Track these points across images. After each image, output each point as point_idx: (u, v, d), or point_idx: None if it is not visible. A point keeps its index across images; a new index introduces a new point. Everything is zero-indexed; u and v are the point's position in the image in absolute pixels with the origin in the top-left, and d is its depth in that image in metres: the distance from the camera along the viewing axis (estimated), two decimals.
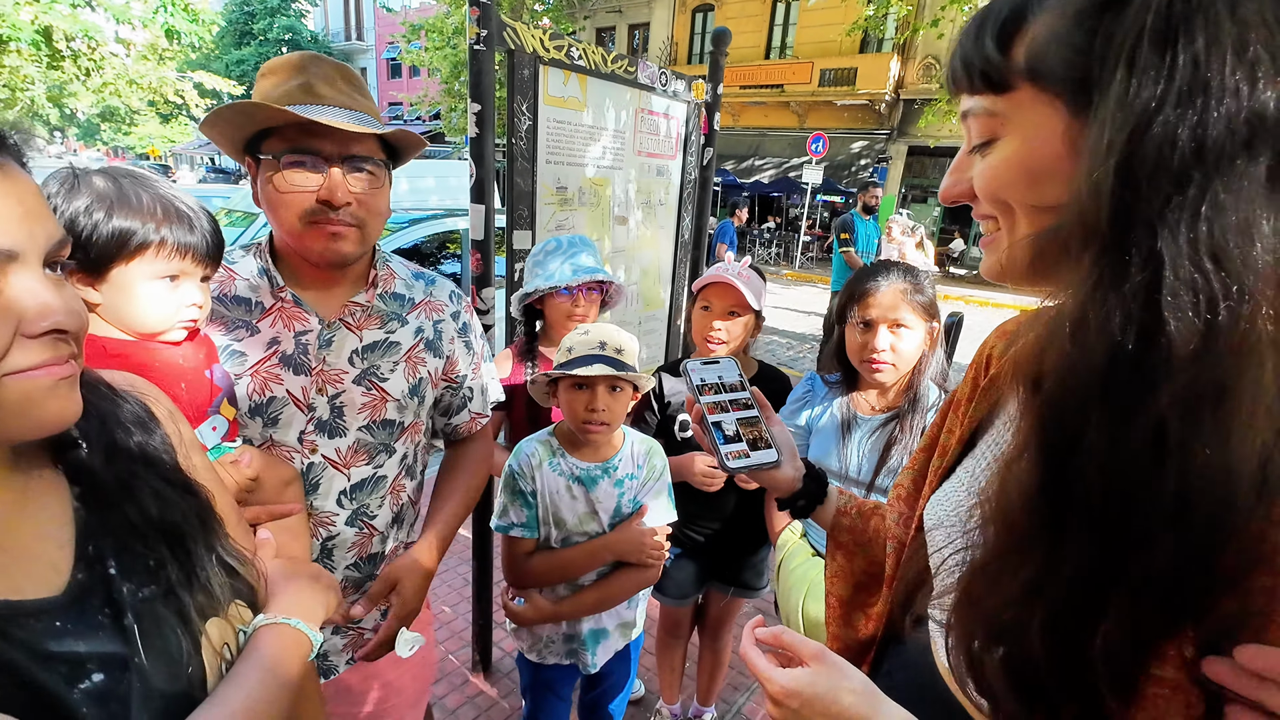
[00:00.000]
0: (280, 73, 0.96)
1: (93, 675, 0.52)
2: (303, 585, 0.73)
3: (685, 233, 2.76)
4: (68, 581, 0.54)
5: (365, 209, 0.98)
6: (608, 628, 1.49)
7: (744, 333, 1.67)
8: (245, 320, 1.02)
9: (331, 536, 1.09)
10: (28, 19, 9.98)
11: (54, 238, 0.50)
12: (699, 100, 2.59)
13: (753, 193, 16.90)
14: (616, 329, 1.37)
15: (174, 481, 0.65)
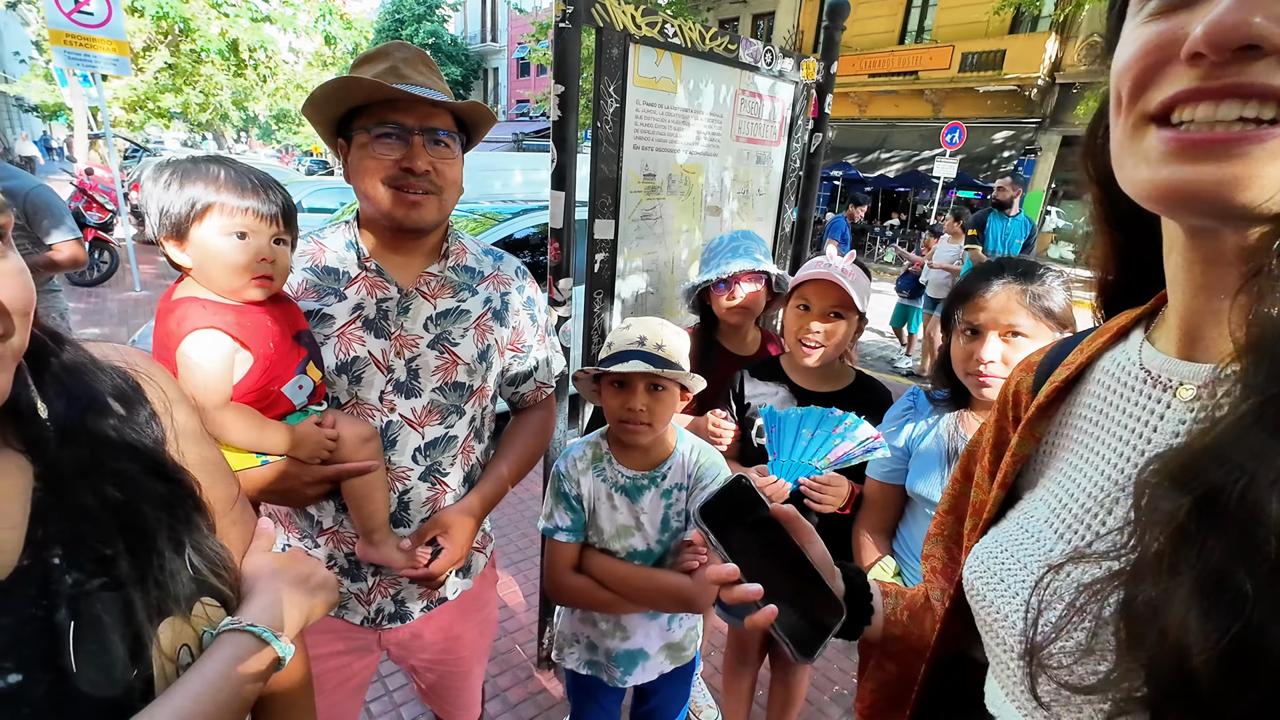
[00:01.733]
0: (372, 60, 1.06)
1: (9, 675, 0.48)
2: (283, 589, 0.67)
3: (786, 225, 2.55)
4: (13, 566, 0.50)
5: (442, 177, 1.07)
6: (647, 649, 1.38)
7: (844, 337, 1.49)
8: (334, 288, 1.11)
9: (406, 491, 1.16)
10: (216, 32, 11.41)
11: None
12: (809, 81, 2.37)
13: (876, 187, 15.89)
14: (661, 323, 1.26)
15: (149, 467, 0.60)
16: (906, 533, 1.38)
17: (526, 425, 1.35)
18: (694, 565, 1.24)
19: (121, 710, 0.52)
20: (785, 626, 0.64)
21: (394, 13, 28.11)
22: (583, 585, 1.28)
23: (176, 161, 0.91)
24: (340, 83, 0.99)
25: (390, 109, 1.02)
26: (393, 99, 1.01)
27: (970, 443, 0.71)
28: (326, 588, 0.74)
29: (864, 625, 0.74)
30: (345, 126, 1.07)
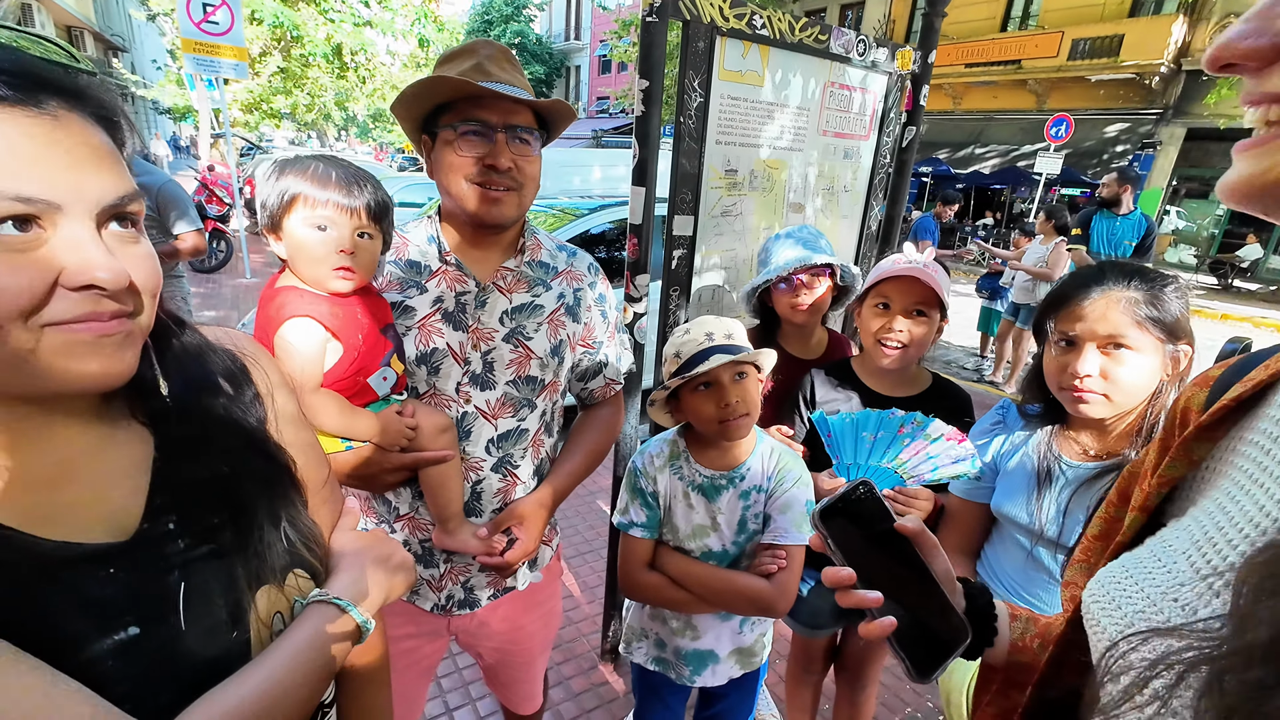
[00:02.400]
0: (458, 58, 1.08)
1: (129, 628, 0.52)
2: (369, 566, 0.70)
3: (873, 223, 2.43)
4: (134, 530, 0.55)
5: (523, 174, 1.09)
6: (717, 651, 1.35)
7: (927, 336, 1.40)
8: (416, 280, 1.14)
9: (480, 481, 1.18)
10: (323, 37, 12.18)
11: (112, 193, 0.49)
12: (904, 71, 2.25)
13: (969, 184, 15.01)
14: (717, 317, 1.23)
15: (253, 444, 0.64)
16: (992, 555, 1.29)
17: (595, 421, 1.36)
18: (772, 569, 1.21)
19: (222, 669, 0.56)
20: (903, 641, 0.61)
21: (483, 14, 29.11)
22: (656, 582, 1.28)
23: (282, 159, 0.97)
24: (428, 81, 1.01)
25: (475, 106, 1.04)
26: (477, 96, 1.02)
27: (1132, 464, 0.66)
28: (405, 568, 0.76)
29: (985, 646, 0.69)
30: (430, 123, 1.09)
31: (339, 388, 0.97)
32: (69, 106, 0.47)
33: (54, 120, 0.46)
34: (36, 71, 0.46)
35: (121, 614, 0.52)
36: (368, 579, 0.69)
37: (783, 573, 1.21)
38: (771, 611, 1.23)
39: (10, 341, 0.45)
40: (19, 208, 0.44)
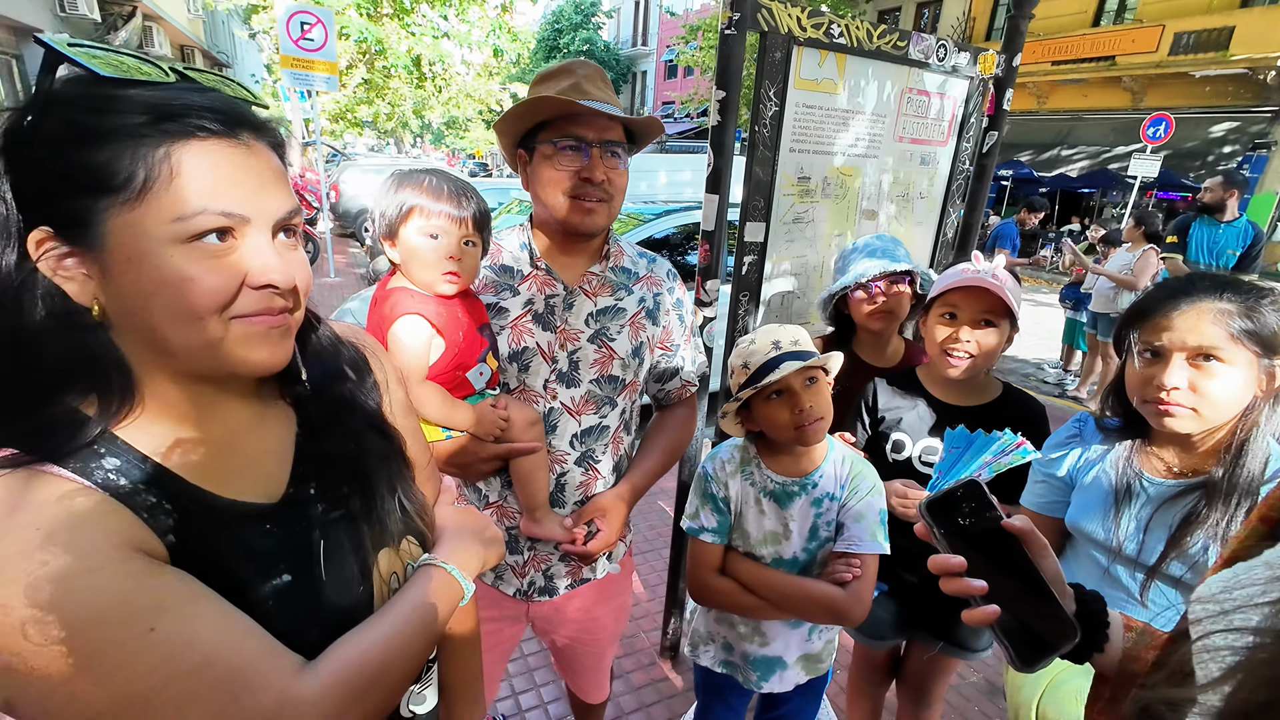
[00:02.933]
0: (555, 77, 1.16)
1: (283, 575, 0.61)
2: (468, 537, 0.78)
3: (949, 231, 2.38)
4: (281, 494, 0.64)
5: (613, 186, 1.16)
6: (785, 658, 1.36)
7: (997, 347, 1.37)
8: (509, 284, 1.23)
9: (564, 473, 1.25)
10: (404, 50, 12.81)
11: (284, 209, 0.58)
12: (986, 75, 2.20)
13: (1054, 188, 14.21)
14: (779, 326, 1.25)
15: (373, 425, 0.73)
16: (1065, 571, 1.25)
17: (671, 421, 1.41)
18: (847, 577, 1.21)
19: (352, 617, 0.64)
20: (1007, 631, 0.63)
21: (553, 23, 29.84)
22: (727, 588, 1.30)
23: (399, 172, 1.07)
24: (534, 101, 1.09)
25: (572, 123, 1.11)
26: (575, 114, 1.10)
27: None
28: (497, 542, 0.84)
29: (1094, 653, 0.69)
30: (527, 139, 1.17)
31: (440, 381, 1.07)
32: (256, 137, 0.57)
33: (247, 149, 0.55)
34: (235, 109, 0.55)
35: (277, 563, 0.61)
36: (468, 549, 0.77)
37: (857, 581, 1.22)
38: (846, 620, 1.23)
39: (208, 331, 0.54)
40: (222, 221, 0.53)
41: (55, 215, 0.51)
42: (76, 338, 0.53)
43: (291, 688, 0.54)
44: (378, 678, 0.61)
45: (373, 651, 0.62)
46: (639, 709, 2.12)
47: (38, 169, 0.51)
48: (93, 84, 0.51)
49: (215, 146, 0.53)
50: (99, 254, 0.51)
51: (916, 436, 1.47)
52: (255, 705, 0.52)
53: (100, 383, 0.54)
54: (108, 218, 0.50)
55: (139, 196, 0.50)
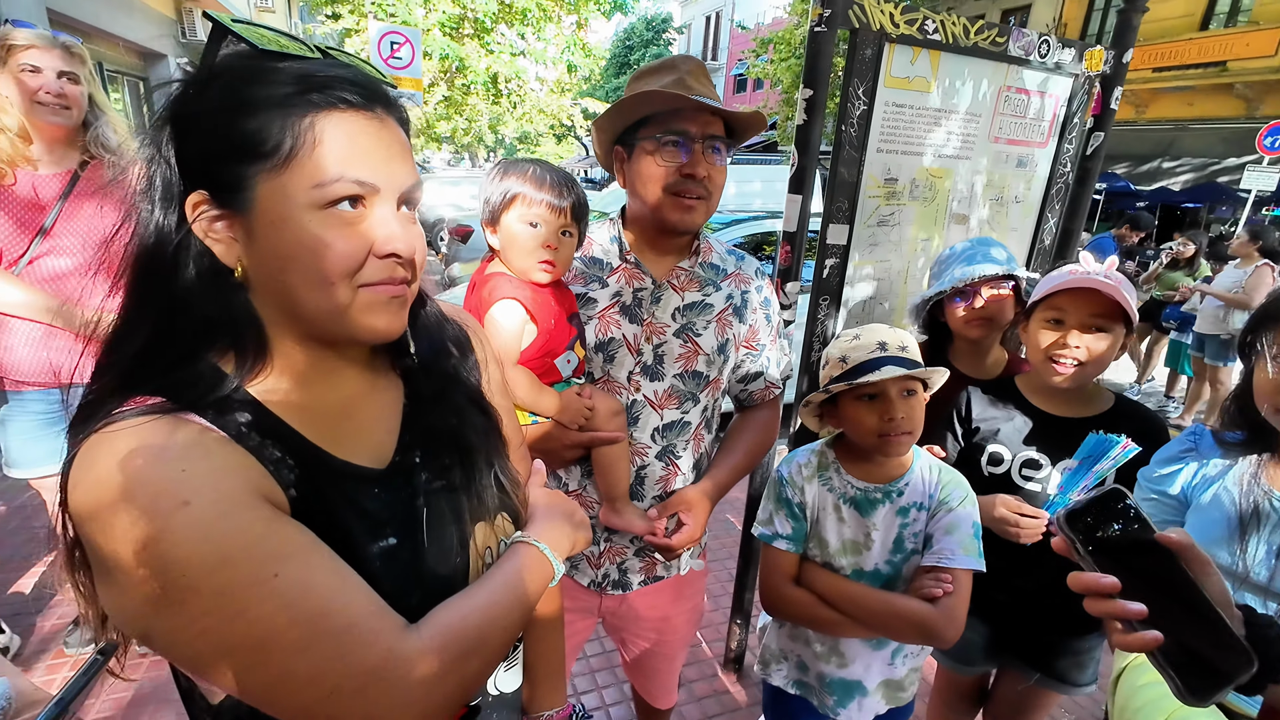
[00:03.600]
0: (658, 73, 1.16)
1: (390, 538, 0.62)
2: (559, 518, 0.78)
3: (1047, 237, 2.24)
4: (389, 460, 0.66)
5: (713, 183, 1.15)
6: (865, 683, 1.28)
7: (1108, 353, 1.27)
8: (598, 275, 1.24)
9: (644, 466, 1.25)
10: (483, 68, 13.35)
11: (409, 182, 0.59)
12: (1092, 73, 2.07)
13: (1153, 202, 13.22)
14: (888, 327, 1.18)
15: (474, 401, 0.75)
16: None
17: (754, 422, 1.37)
18: (938, 593, 1.13)
19: (450, 586, 0.65)
20: (1172, 661, 0.57)
21: (624, 40, 30.43)
22: (804, 599, 1.23)
23: (505, 160, 1.11)
24: (642, 94, 1.09)
25: (676, 118, 1.11)
26: (678, 109, 1.09)
27: None
28: (585, 526, 0.84)
29: (1269, 682, 0.62)
30: (626, 136, 1.18)
31: (529, 366, 1.08)
32: (387, 111, 0.59)
33: (380, 122, 0.57)
34: (373, 84, 0.58)
35: (384, 526, 0.62)
36: (559, 529, 0.77)
37: (950, 598, 1.13)
38: (938, 640, 1.15)
39: (337, 297, 0.56)
40: (355, 189, 0.55)
41: (211, 179, 0.54)
42: (221, 297, 0.56)
43: (397, 646, 0.55)
44: (477, 645, 0.61)
45: (472, 619, 0.62)
46: (702, 719, 2.07)
47: (199, 136, 0.54)
48: (251, 57, 0.55)
49: (353, 118, 0.55)
50: (246, 218, 0.54)
51: (1015, 449, 1.38)
52: (363, 658, 0.53)
53: (238, 341, 0.57)
54: (257, 182, 0.53)
55: (285, 162, 0.53)
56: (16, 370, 1.82)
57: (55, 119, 1.72)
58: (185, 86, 0.54)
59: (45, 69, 1.68)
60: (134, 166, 1.76)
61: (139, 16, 9.25)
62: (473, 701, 0.72)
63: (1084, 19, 15.00)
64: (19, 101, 1.68)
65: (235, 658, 0.50)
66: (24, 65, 1.66)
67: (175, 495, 0.48)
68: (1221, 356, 4.88)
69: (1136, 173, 13.48)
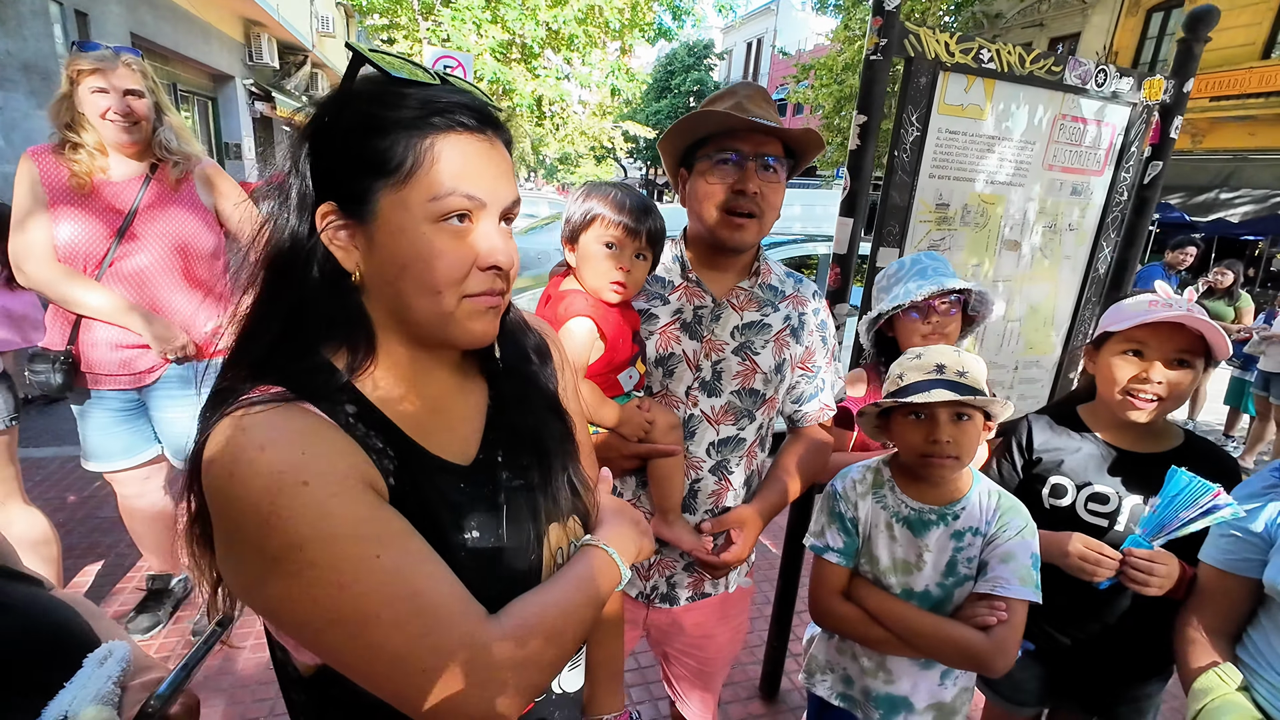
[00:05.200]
0: (719, 99, 1.22)
1: (473, 530, 0.65)
2: (626, 525, 0.81)
3: (1101, 266, 2.21)
4: (474, 457, 0.70)
5: (766, 201, 1.17)
6: (913, 701, 1.26)
7: (1189, 389, 1.25)
8: (660, 293, 1.28)
9: (698, 480, 1.27)
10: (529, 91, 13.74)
11: (510, 198, 0.64)
12: (1151, 102, 2.05)
13: (1210, 234, 12.77)
14: (957, 349, 1.18)
15: (551, 407, 0.79)
16: (1262, 639, 1.09)
17: (808, 444, 1.38)
18: (991, 621, 1.12)
19: (525, 581, 0.68)
20: None
21: (666, 65, 30.94)
22: (852, 614, 1.24)
23: (590, 182, 1.16)
24: (697, 115, 1.14)
25: (731, 138, 1.15)
26: (733, 129, 1.14)
27: None
28: (649, 535, 0.86)
29: None
30: (687, 157, 1.23)
31: (594, 380, 1.12)
32: (497, 134, 0.64)
33: (489, 143, 0.63)
34: (485, 109, 0.63)
35: (469, 518, 0.66)
36: (627, 535, 0.80)
37: (1002, 627, 1.12)
38: (986, 668, 1.14)
39: (444, 303, 0.61)
40: (465, 204, 0.60)
41: (340, 192, 0.60)
42: (340, 299, 0.62)
43: (478, 632, 0.58)
44: (552, 638, 0.64)
45: (549, 613, 0.65)
46: None
47: (333, 152, 0.60)
48: (383, 83, 0.61)
49: (468, 139, 0.61)
50: (368, 227, 0.60)
51: (1080, 482, 1.35)
52: (447, 641, 0.57)
53: (351, 339, 0.63)
54: (380, 195, 0.59)
55: (407, 178, 0.58)
56: (99, 367, 1.94)
57: (125, 136, 1.86)
58: (323, 108, 0.61)
59: (112, 89, 1.81)
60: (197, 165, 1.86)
61: (213, 42, 9.82)
62: (538, 699, 0.75)
63: (1136, 47, 14.71)
64: (92, 119, 1.82)
65: (336, 629, 0.54)
66: (94, 87, 1.79)
67: (296, 475, 0.53)
68: None
69: (1192, 203, 13.05)
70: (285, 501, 0.52)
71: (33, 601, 0.54)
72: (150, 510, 2.21)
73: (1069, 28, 16.29)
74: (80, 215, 1.85)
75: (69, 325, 1.91)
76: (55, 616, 0.55)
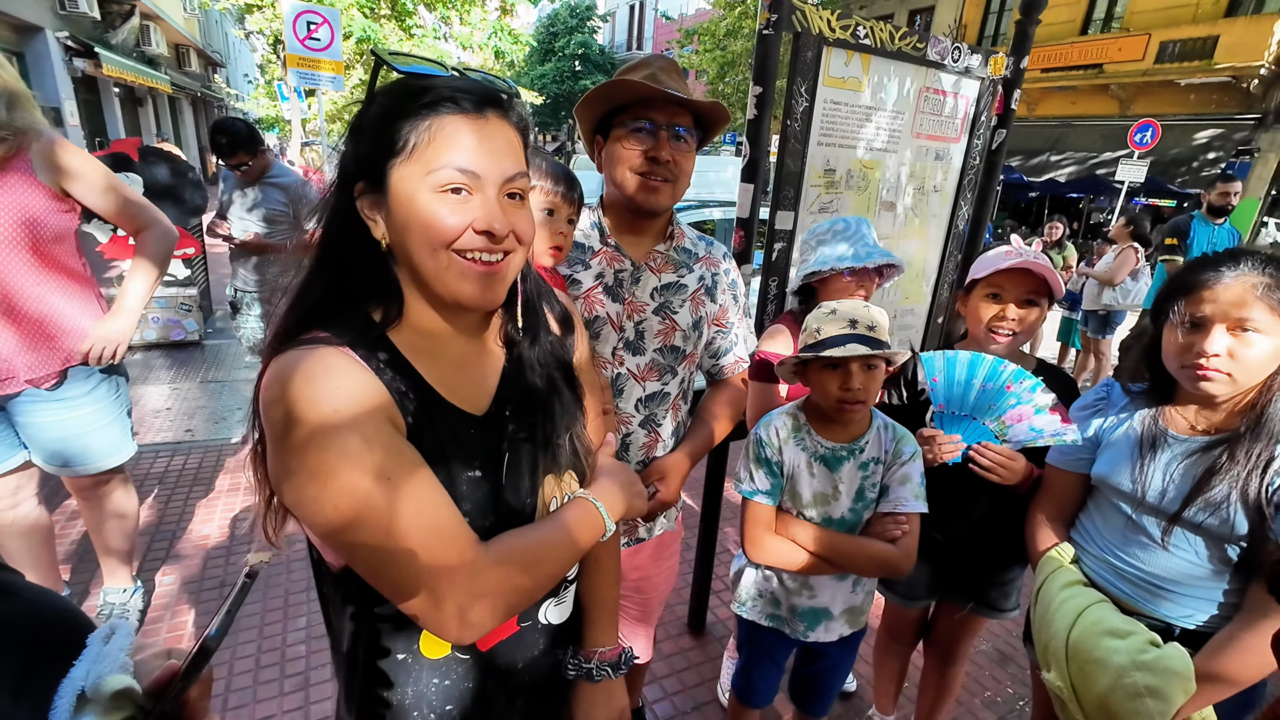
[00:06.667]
0: (634, 69, 1.27)
1: (476, 470, 0.75)
2: (618, 484, 0.91)
3: (960, 223, 2.52)
4: (486, 409, 0.79)
5: (679, 168, 1.25)
6: (831, 609, 1.46)
7: (1036, 323, 1.50)
8: (582, 259, 1.34)
9: (629, 434, 1.37)
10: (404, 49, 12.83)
11: (510, 172, 0.71)
12: (996, 76, 2.33)
13: (1044, 193, 14.50)
14: (866, 305, 1.33)
15: (564, 374, 0.88)
16: (1089, 521, 1.36)
17: (725, 395, 1.50)
18: (898, 534, 1.33)
19: (518, 519, 0.78)
20: None
21: (548, 26, 29.97)
22: (784, 547, 1.39)
23: None
24: (613, 83, 1.20)
25: (645, 108, 1.22)
26: (648, 98, 1.20)
27: None
28: (641, 497, 0.95)
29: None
30: (604, 125, 1.28)
31: None
32: (499, 114, 0.72)
33: (486, 122, 0.70)
34: (486, 93, 0.71)
35: (474, 459, 0.75)
36: (616, 493, 0.89)
37: (907, 537, 1.34)
38: (897, 571, 1.35)
39: (439, 259, 0.69)
40: (458, 176, 0.68)
41: (368, 172, 0.70)
42: (375, 263, 0.73)
43: (469, 553, 0.70)
44: (530, 568, 0.75)
45: (530, 547, 0.76)
46: (671, 674, 2.23)
47: (362, 140, 0.70)
48: (402, 80, 0.70)
49: (464, 120, 0.68)
50: (385, 199, 0.69)
51: None
52: (444, 554, 0.68)
53: (384, 297, 0.73)
54: (392, 171, 0.68)
55: (410, 155, 0.67)
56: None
57: None
58: (363, 106, 0.71)
59: None
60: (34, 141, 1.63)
61: None
62: (524, 623, 0.86)
63: (980, 21, 16.14)
64: None
65: (352, 532, 0.64)
66: None
67: (328, 401, 0.64)
68: (1101, 330, 5.52)
69: (1029, 165, 14.71)
70: (318, 423, 0.63)
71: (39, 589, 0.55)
72: (24, 523, 1.99)
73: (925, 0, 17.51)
74: None
75: None
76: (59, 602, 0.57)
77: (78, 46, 10.12)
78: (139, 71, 12.32)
